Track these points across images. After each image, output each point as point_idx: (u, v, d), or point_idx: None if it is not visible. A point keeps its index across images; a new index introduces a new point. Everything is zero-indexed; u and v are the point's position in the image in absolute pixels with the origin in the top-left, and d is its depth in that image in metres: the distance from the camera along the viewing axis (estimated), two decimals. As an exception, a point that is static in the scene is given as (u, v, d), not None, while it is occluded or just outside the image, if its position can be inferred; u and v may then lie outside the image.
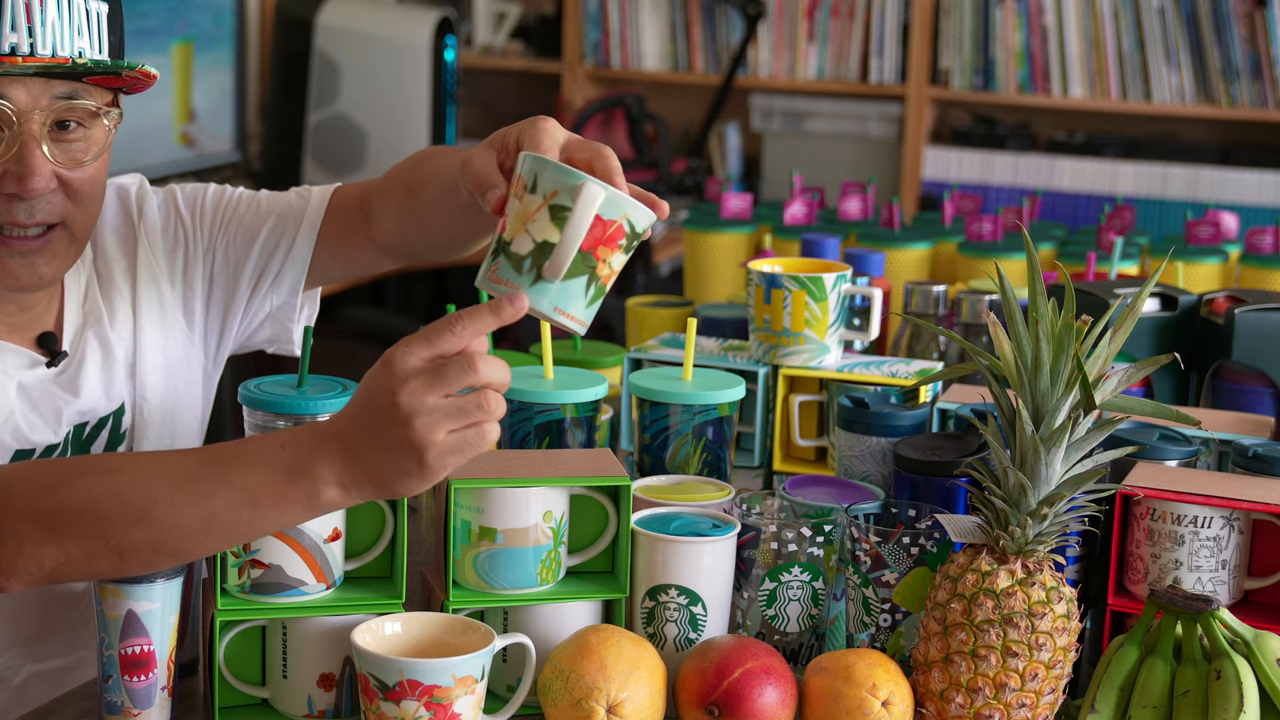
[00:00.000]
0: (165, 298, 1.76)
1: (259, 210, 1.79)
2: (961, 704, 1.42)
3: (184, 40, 4.08)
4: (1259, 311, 1.95)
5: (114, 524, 1.35)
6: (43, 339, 1.68)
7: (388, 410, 1.31)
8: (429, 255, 1.79)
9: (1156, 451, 1.61)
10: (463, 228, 1.68)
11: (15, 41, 1.50)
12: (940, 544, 1.52)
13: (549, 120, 1.45)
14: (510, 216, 1.37)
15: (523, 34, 5.05)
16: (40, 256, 1.60)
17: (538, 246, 1.34)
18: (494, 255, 1.37)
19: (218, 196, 1.80)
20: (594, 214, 1.33)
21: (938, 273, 2.66)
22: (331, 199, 1.79)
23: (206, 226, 1.78)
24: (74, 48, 1.54)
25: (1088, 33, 4.49)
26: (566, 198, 1.33)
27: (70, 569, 1.38)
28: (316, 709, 1.47)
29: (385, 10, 4.39)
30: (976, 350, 1.48)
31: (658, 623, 1.52)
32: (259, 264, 1.78)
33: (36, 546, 1.36)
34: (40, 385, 1.66)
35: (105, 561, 1.37)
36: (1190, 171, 4.46)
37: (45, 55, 1.52)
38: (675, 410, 1.74)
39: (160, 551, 1.37)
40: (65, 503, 1.37)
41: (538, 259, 1.34)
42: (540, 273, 1.34)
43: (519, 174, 1.37)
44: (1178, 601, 1.45)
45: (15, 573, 1.37)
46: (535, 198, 1.35)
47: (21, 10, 1.51)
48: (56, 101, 1.55)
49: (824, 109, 4.80)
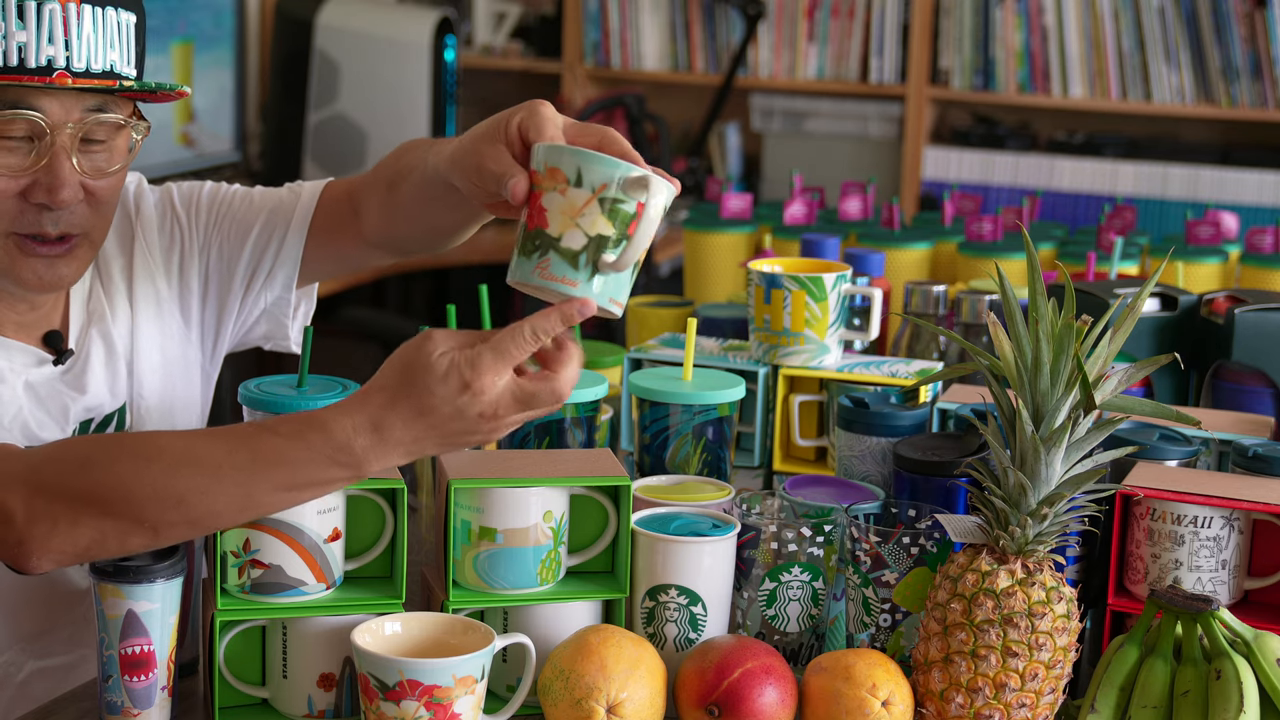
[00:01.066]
0: (162, 295, 1.76)
1: (252, 206, 1.79)
2: (961, 704, 1.42)
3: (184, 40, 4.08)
4: (1259, 311, 1.95)
5: (149, 507, 1.39)
6: (49, 337, 1.68)
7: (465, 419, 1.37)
8: (419, 249, 1.79)
9: (1156, 451, 1.61)
10: (443, 220, 1.68)
11: (53, 54, 1.52)
12: (940, 544, 1.52)
13: (547, 105, 1.44)
14: (552, 211, 1.35)
15: (523, 34, 5.05)
16: (62, 260, 1.62)
17: (593, 241, 1.33)
18: (538, 251, 1.35)
19: (213, 194, 1.80)
20: (664, 201, 1.34)
21: (938, 273, 2.66)
22: (321, 195, 1.79)
23: (202, 224, 1.78)
24: (106, 60, 1.55)
25: (1088, 33, 4.49)
26: (617, 190, 1.33)
27: (104, 547, 1.41)
28: (316, 709, 1.47)
29: (385, 10, 4.39)
30: (976, 350, 1.48)
31: (658, 623, 1.52)
32: (252, 260, 1.78)
33: (70, 526, 1.39)
34: (47, 383, 1.66)
35: (140, 538, 1.41)
36: (1190, 171, 4.46)
37: (80, 69, 1.53)
38: (675, 410, 1.74)
39: (196, 527, 1.42)
40: (98, 485, 1.40)
41: (593, 253, 1.33)
42: (597, 266, 1.34)
43: (550, 166, 1.35)
44: (1178, 601, 1.45)
45: (50, 552, 1.40)
46: (582, 191, 1.33)
47: (60, 23, 1.52)
48: (87, 115, 1.56)
49: (824, 109, 4.80)
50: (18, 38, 1.50)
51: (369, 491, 1.48)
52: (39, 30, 1.51)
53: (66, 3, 1.52)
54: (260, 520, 1.43)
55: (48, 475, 1.41)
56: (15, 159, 1.55)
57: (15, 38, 1.50)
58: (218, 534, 1.43)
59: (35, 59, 1.51)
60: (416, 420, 1.37)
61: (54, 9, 1.51)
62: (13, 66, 1.50)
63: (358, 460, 1.39)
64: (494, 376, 1.36)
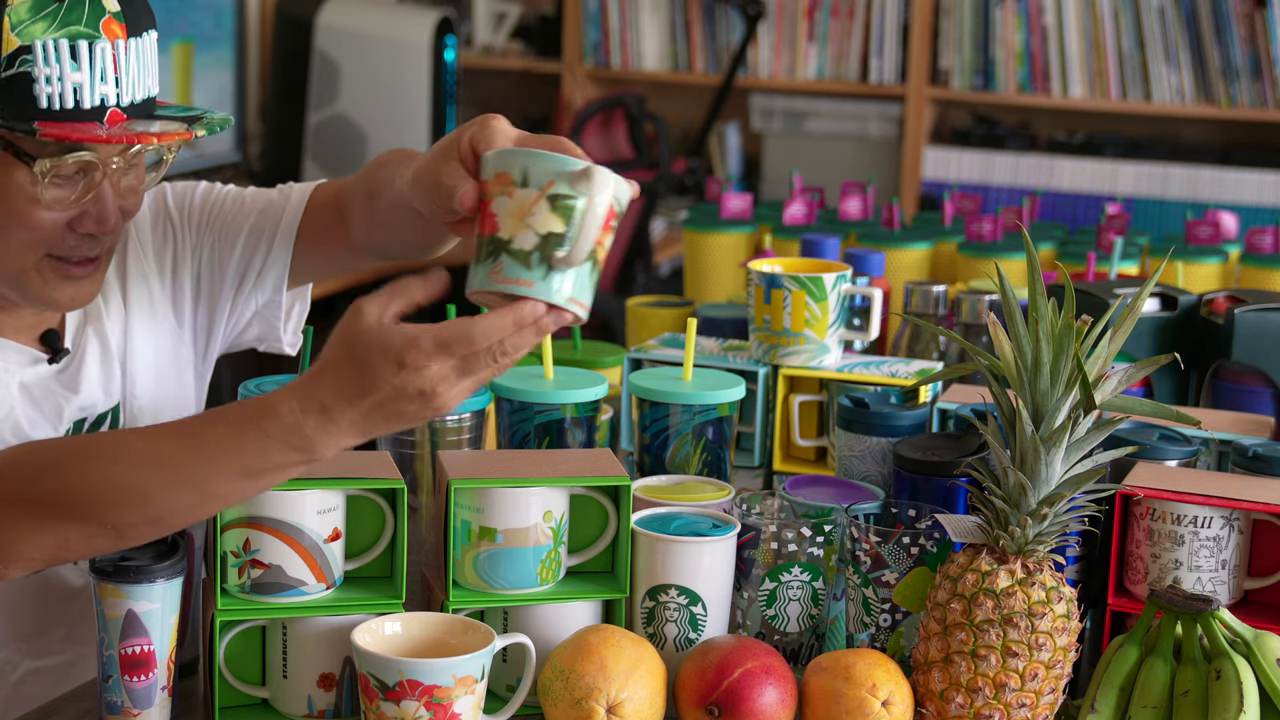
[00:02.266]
0: (155, 295, 1.77)
1: (242, 208, 1.79)
2: (961, 704, 1.42)
3: (184, 40, 4.08)
4: (1259, 311, 1.95)
5: (111, 508, 1.39)
6: (46, 336, 1.68)
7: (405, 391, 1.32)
8: (403, 257, 1.78)
9: (1156, 451, 1.61)
10: (417, 238, 1.67)
11: (105, 93, 1.52)
12: (940, 544, 1.52)
13: (498, 118, 1.43)
14: (502, 215, 1.34)
15: (523, 34, 5.05)
16: (89, 279, 1.63)
17: (543, 239, 1.32)
18: (491, 257, 1.34)
19: (206, 194, 1.80)
20: (610, 194, 1.33)
21: (938, 273, 2.66)
22: (311, 198, 1.79)
23: (194, 225, 1.79)
24: (146, 89, 1.56)
25: (1088, 33, 4.49)
26: (565, 185, 1.32)
27: (69, 550, 1.41)
28: (316, 709, 1.47)
29: (385, 10, 4.39)
30: (976, 350, 1.48)
31: (658, 623, 1.52)
32: (242, 262, 1.78)
33: (33, 532, 1.39)
34: (41, 383, 1.66)
35: (104, 540, 1.40)
36: (1190, 171, 4.46)
37: (127, 103, 1.53)
38: (675, 410, 1.74)
39: (158, 526, 1.41)
40: (60, 489, 1.39)
41: (545, 252, 1.33)
42: (551, 264, 1.33)
43: (499, 171, 1.35)
44: (1178, 601, 1.45)
45: (16, 558, 1.40)
46: (530, 191, 1.33)
47: (110, 61, 1.51)
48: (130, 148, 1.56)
49: (824, 109, 4.80)
50: (73, 79, 1.50)
51: (369, 492, 1.48)
52: (92, 70, 1.50)
53: (115, 39, 1.51)
54: (260, 520, 1.43)
55: (8, 479, 1.40)
56: (64, 192, 1.55)
57: (70, 79, 1.49)
58: (218, 534, 1.43)
59: (91, 99, 1.51)
60: (360, 399, 1.34)
61: (104, 47, 1.50)
62: (69, 110, 1.50)
63: (309, 442, 1.36)
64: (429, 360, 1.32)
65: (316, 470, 1.44)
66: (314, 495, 1.44)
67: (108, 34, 1.51)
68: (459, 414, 1.66)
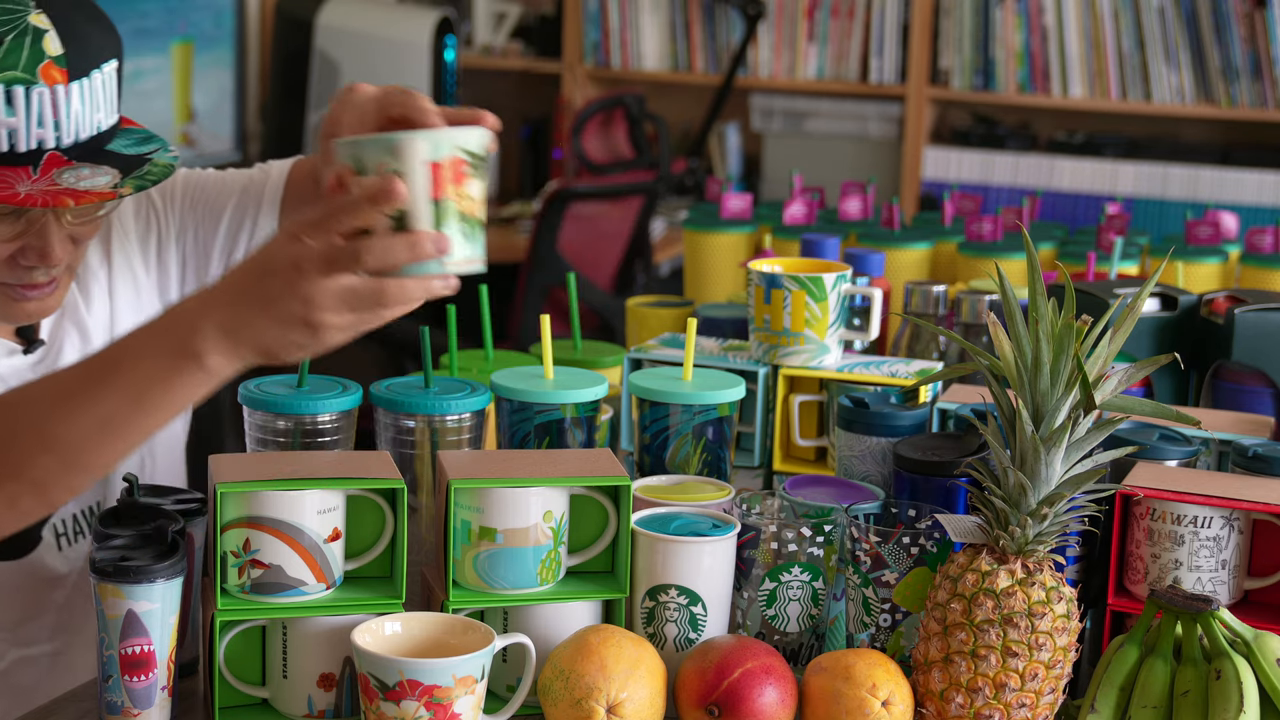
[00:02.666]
0: (140, 282, 1.77)
1: (224, 188, 1.80)
2: (961, 704, 1.42)
3: (184, 40, 4.08)
4: (1259, 311, 1.95)
5: (22, 455, 1.38)
6: (21, 329, 1.69)
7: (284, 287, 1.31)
8: None
9: (1156, 451, 1.61)
10: None
11: (43, 136, 1.50)
12: (940, 544, 1.52)
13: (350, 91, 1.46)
14: None
15: (523, 34, 5.05)
16: (51, 296, 1.63)
17: (395, 220, 1.35)
18: None
19: (187, 178, 1.81)
20: (424, 162, 1.34)
21: (938, 273, 2.66)
22: (290, 172, 1.79)
23: (177, 208, 1.79)
24: (93, 125, 1.54)
25: (1088, 33, 4.50)
26: (393, 162, 1.34)
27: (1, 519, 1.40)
28: (316, 709, 1.47)
29: (385, 10, 4.39)
30: (976, 350, 1.48)
31: (658, 623, 1.52)
32: (227, 242, 1.78)
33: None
34: (17, 375, 1.66)
35: (29, 499, 1.40)
36: (1190, 171, 4.46)
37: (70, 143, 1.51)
38: (675, 410, 1.74)
39: (72, 469, 1.39)
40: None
41: (403, 227, 1.35)
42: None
43: (342, 162, 1.38)
44: (1178, 601, 1.45)
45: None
46: (370, 177, 1.36)
47: (49, 106, 1.50)
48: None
49: (824, 109, 4.81)
50: (7, 124, 1.49)
51: (369, 492, 1.48)
52: (28, 115, 1.49)
53: (54, 84, 1.50)
54: (260, 520, 1.43)
55: None
56: (4, 228, 1.55)
57: (4, 124, 1.48)
58: (218, 534, 1.43)
59: (27, 142, 1.50)
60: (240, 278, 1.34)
61: (42, 93, 1.49)
62: (3, 154, 1.49)
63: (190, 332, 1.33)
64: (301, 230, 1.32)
65: (317, 470, 1.44)
66: (314, 495, 1.44)
67: (46, 79, 1.49)
68: (459, 414, 1.66)
